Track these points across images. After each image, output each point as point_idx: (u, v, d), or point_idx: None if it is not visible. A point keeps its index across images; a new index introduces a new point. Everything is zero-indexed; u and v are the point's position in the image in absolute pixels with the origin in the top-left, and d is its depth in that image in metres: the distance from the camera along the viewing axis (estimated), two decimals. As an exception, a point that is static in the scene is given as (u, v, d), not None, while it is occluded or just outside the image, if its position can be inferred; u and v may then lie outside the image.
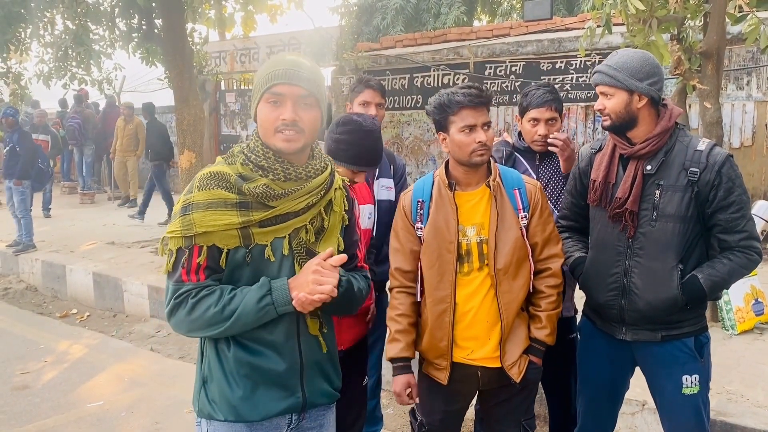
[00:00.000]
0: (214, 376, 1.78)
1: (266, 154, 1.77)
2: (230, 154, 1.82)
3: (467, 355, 2.32)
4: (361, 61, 9.98)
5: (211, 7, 9.21)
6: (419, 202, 2.39)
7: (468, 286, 2.31)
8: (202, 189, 1.73)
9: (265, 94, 1.74)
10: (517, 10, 15.24)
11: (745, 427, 3.15)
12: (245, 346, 1.76)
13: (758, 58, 7.05)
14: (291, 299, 1.71)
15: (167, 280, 1.77)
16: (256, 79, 1.79)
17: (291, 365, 1.79)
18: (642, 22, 4.32)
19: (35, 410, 4.26)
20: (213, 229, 1.70)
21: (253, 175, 1.75)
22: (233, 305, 1.70)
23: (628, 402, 3.33)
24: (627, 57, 2.27)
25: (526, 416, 2.43)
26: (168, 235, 1.76)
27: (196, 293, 1.72)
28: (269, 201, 1.74)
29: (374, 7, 14.85)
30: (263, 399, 1.77)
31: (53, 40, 8.40)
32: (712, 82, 4.38)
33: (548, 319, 2.34)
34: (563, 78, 8.42)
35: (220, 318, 1.70)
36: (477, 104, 2.25)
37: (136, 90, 15.92)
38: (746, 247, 2.26)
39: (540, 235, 2.35)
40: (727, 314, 4.47)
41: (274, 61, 1.78)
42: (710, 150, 2.26)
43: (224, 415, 1.77)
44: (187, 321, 1.72)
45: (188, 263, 1.72)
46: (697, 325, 2.36)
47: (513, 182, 2.36)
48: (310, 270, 1.73)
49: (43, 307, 7.02)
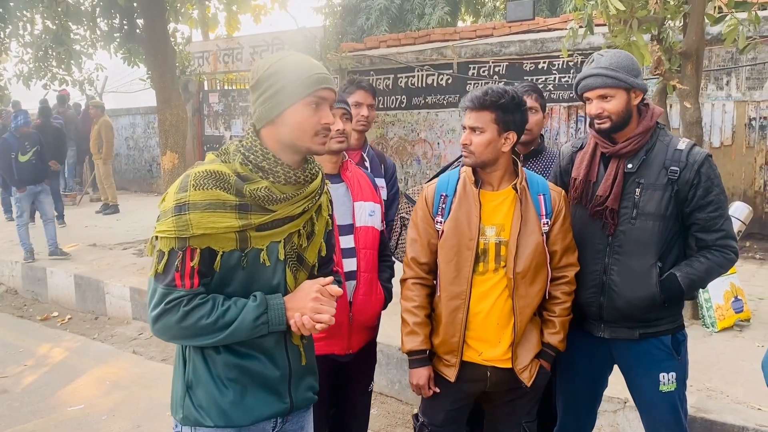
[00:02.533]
0: (202, 380, 1.72)
1: (266, 155, 1.70)
2: (224, 152, 1.74)
3: (478, 355, 2.31)
4: (345, 62, 9.97)
5: (194, 7, 9.16)
6: (442, 195, 2.38)
7: (481, 285, 2.29)
8: (199, 188, 1.63)
9: (309, 97, 1.70)
10: (501, 10, 15.31)
11: (724, 423, 3.19)
12: (236, 351, 1.72)
13: (737, 59, 7.14)
14: (285, 319, 1.70)
15: (154, 283, 1.67)
16: (283, 80, 1.70)
17: (282, 371, 1.79)
18: (623, 22, 4.36)
19: (15, 414, 4.21)
20: (212, 231, 1.63)
21: (253, 176, 1.69)
22: (227, 318, 1.65)
23: (610, 400, 3.36)
24: (618, 57, 2.28)
25: (527, 418, 2.42)
26: (160, 234, 1.65)
27: (189, 301, 1.64)
28: (269, 204, 1.69)
29: (358, 7, 14.84)
30: (253, 403, 1.75)
31: (33, 40, 8.29)
32: (692, 82, 4.43)
33: (561, 325, 2.34)
34: (546, 78, 8.47)
35: (212, 329, 1.64)
36: (466, 105, 2.29)
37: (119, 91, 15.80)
38: (723, 246, 2.28)
39: (560, 243, 2.33)
40: (708, 312, 4.52)
41: (309, 66, 1.72)
42: (690, 149, 2.28)
43: (214, 421, 1.71)
44: (176, 328, 1.65)
45: (182, 267, 1.63)
46: (674, 323, 2.38)
47: (538, 187, 2.34)
48: (310, 297, 1.72)
49: (24, 310, 6.93)
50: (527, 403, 2.40)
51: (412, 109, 9.83)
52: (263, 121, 1.72)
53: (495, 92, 2.23)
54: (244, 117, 12.58)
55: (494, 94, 2.22)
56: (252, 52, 11.95)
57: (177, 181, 1.69)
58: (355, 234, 2.50)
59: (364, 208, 2.54)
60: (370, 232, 2.54)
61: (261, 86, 1.71)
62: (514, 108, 2.24)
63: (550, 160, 2.90)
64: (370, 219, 2.55)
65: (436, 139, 9.64)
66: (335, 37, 11.46)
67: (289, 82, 1.69)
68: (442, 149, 9.56)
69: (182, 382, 1.75)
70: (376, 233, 2.58)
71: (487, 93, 2.23)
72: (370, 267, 2.52)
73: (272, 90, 1.70)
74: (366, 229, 2.53)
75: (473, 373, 2.34)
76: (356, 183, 2.57)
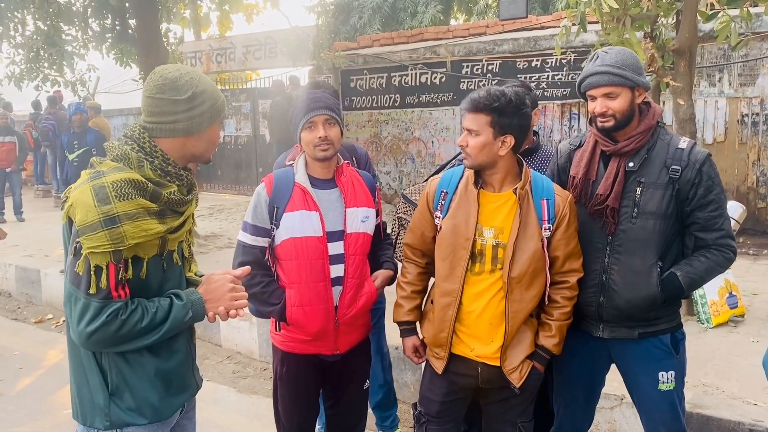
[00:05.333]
0: (130, 384, 1.81)
1: (167, 161, 1.80)
2: (124, 157, 1.75)
3: (470, 351, 2.33)
4: (338, 61, 9.96)
5: (187, 7, 9.13)
6: (443, 192, 2.39)
7: (476, 285, 2.30)
8: (123, 198, 1.67)
9: (220, 118, 1.93)
10: (493, 8, 15.31)
11: (720, 419, 3.20)
12: (155, 351, 1.83)
13: (730, 55, 7.17)
14: (205, 311, 1.85)
15: (85, 298, 1.67)
16: (210, 100, 1.84)
17: (188, 359, 1.96)
18: (616, 20, 4.37)
19: (10, 418, 4.18)
20: (143, 239, 1.70)
21: (164, 181, 1.79)
22: (158, 319, 1.75)
23: (607, 397, 3.37)
24: (623, 54, 2.27)
25: (523, 418, 2.43)
26: (93, 251, 1.65)
27: (125, 310, 1.71)
28: (179, 207, 1.82)
29: (351, 6, 14.82)
30: (174, 395, 1.90)
31: (24, 40, 8.25)
32: (685, 79, 4.45)
33: (558, 329, 2.33)
34: (539, 76, 8.48)
35: (147, 332, 1.74)
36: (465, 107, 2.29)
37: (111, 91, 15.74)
38: (723, 245, 2.29)
39: (562, 249, 2.30)
40: (702, 308, 4.54)
41: (218, 91, 1.91)
42: (691, 148, 2.28)
43: (148, 419, 1.82)
44: (114, 338, 1.70)
45: (117, 278, 1.68)
46: (672, 321, 2.39)
47: (543, 192, 2.31)
48: (227, 288, 1.88)
49: (18, 312, 6.89)
50: (521, 402, 2.41)
51: (405, 108, 9.84)
52: (188, 132, 1.82)
53: (491, 95, 2.21)
54: (237, 117, 12.55)
55: (490, 96, 2.21)
56: (245, 52, 11.93)
57: (85, 192, 1.67)
58: (345, 240, 2.47)
59: (357, 214, 2.51)
60: (361, 238, 2.51)
61: (194, 100, 1.80)
62: (512, 111, 2.21)
63: (546, 158, 2.89)
64: (363, 225, 2.52)
65: (430, 137, 9.64)
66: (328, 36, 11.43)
67: (215, 103, 1.85)
68: (437, 147, 9.57)
69: (103, 391, 1.80)
70: (367, 238, 2.56)
71: (483, 95, 2.22)
72: (357, 273, 2.50)
73: (204, 106, 1.82)
74: (357, 235, 2.50)
75: (465, 367, 2.35)
76: (350, 188, 2.53)
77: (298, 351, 2.53)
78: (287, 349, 2.55)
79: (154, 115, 1.79)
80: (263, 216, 2.45)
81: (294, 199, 2.44)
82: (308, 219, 2.42)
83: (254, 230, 2.46)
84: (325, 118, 2.42)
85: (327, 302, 2.45)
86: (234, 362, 5.10)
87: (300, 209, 2.42)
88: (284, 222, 2.42)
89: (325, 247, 2.43)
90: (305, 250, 2.42)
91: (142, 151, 1.77)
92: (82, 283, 1.67)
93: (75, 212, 1.66)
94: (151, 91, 1.79)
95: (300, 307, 2.44)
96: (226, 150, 12.74)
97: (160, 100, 1.78)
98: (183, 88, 1.78)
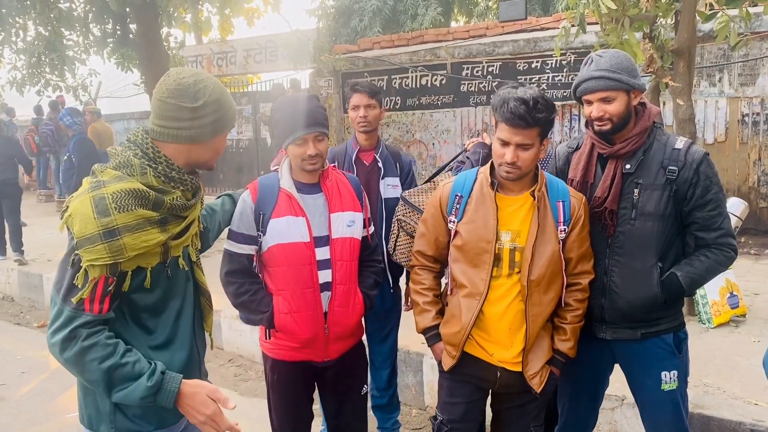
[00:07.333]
0: None
1: (171, 166, 1.76)
2: (127, 164, 1.71)
3: (490, 355, 2.32)
4: (338, 63, 9.98)
5: (187, 11, 9.15)
6: (458, 196, 2.37)
7: (496, 290, 2.28)
8: (122, 210, 1.63)
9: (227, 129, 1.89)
10: (493, 10, 15.34)
11: (722, 419, 3.20)
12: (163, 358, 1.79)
13: (729, 55, 7.17)
14: (174, 402, 1.70)
15: (60, 303, 1.63)
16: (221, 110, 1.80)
17: (195, 363, 1.95)
18: (615, 21, 4.37)
19: (13, 422, 4.20)
20: (144, 250, 1.67)
21: (167, 187, 1.75)
22: (119, 375, 1.64)
23: (608, 397, 3.36)
24: (617, 57, 2.26)
25: (535, 422, 2.43)
26: (92, 263, 1.61)
27: (88, 335, 1.62)
28: (183, 212, 1.79)
29: (351, 9, 14.85)
30: None
31: (26, 46, 8.29)
32: (685, 80, 4.45)
33: (572, 332, 2.34)
34: (539, 77, 8.49)
35: (102, 374, 1.63)
36: (514, 123, 2.16)
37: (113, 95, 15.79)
38: (723, 244, 2.29)
39: (576, 251, 2.30)
40: (704, 308, 4.54)
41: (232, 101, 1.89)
42: (688, 148, 2.28)
43: (154, 425, 1.81)
44: (79, 364, 1.63)
45: (102, 290, 1.63)
46: (675, 321, 2.39)
47: (558, 194, 2.30)
48: (208, 411, 1.73)
49: (20, 317, 6.91)
50: (536, 407, 2.41)
51: (406, 110, 9.84)
52: (193, 140, 1.77)
53: (544, 107, 2.14)
54: (239, 120, 12.56)
55: (543, 109, 2.14)
56: (246, 56, 11.95)
57: (84, 204, 1.64)
58: (331, 245, 2.45)
59: (342, 219, 2.49)
60: (347, 244, 2.49)
61: (204, 110, 1.76)
62: (553, 119, 2.21)
63: (545, 160, 2.89)
64: (348, 230, 2.50)
65: (431, 139, 9.65)
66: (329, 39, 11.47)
67: (225, 114, 1.82)
68: (437, 149, 9.58)
69: (110, 401, 1.74)
70: (355, 243, 2.53)
71: (531, 107, 2.12)
72: (346, 279, 2.48)
73: (213, 117, 1.78)
74: (343, 240, 2.48)
75: (485, 371, 2.35)
76: (335, 193, 2.51)
77: (288, 358, 2.52)
78: (277, 356, 2.54)
79: (162, 118, 1.75)
80: (249, 223, 2.43)
81: (280, 204, 2.42)
82: (295, 224, 2.40)
83: (240, 238, 2.44)
84: (315, 135, 2.40)
85: (315, 308, 2.43)
86: (236, 365, 5.11)
87: (286, 215, 2.41)
88: (271, 228, 2.40)
89: (313, 252, 2.41)
90: (293, 256, 2.40)
91: (145, 156, 1.73)
92: (62, 289, 1.64)
93: (73, 223, 1.63)
94: (162, 94, 1.74)
95: (289, 314, 2.42)
96: (228, 153, 12.75)
97: (170, 105, 1.73)
98: (195, 96, 1.73)
